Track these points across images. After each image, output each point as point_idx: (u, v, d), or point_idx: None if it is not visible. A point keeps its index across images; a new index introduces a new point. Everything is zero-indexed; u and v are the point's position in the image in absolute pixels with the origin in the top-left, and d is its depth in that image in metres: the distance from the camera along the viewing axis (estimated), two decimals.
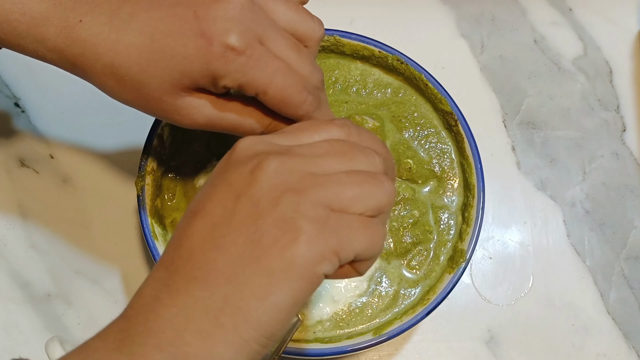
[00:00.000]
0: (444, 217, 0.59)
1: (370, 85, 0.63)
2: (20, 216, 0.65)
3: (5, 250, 0.64)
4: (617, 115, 0.72)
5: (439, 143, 0.61)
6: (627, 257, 0.67)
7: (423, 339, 0.63)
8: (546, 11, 0.76)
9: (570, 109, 0.72)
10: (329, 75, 0.63)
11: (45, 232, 0.64)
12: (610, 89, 0.73)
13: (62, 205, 0.65)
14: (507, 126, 0.71)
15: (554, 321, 0.65)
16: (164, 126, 0.58)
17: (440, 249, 0.58)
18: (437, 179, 0.60)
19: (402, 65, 0.61)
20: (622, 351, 0.64)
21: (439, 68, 0.72)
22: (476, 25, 0.75)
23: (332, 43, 0.62)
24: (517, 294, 0.65)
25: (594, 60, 0.74)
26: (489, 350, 0.64)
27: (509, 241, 0.67)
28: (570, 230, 0.68)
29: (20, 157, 0.67)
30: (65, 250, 0.64)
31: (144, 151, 0.57)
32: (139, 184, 0.56)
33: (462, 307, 0.65)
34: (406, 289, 0.57)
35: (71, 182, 0.66)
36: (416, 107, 0.62)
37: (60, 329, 0.62)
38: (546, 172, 0.70)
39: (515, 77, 0.73)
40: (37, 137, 0.68)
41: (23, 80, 0.68)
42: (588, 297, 0.66)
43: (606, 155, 0.71)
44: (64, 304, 0.62)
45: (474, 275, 0.66)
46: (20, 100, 0.69)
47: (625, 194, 0.69)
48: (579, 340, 0.64)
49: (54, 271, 0.63)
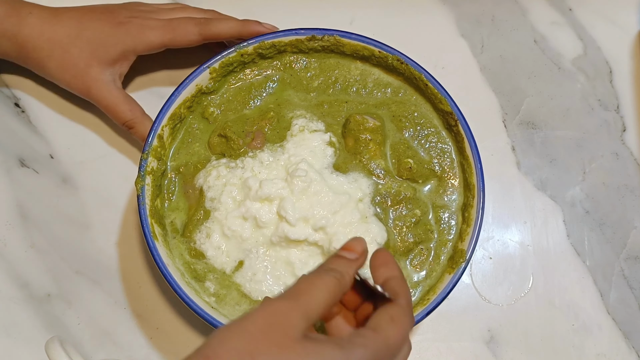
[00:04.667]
0: (445, 216, 0.59)
1: (370, 85, 0.63)
2: (20, 216, 0.65)
3: (5, 250, 0.64)
4: (617, 115, 0.72)
5: (439, 143, 0.61)
6: (627, 257, 0.67)
7: (423, 339, 0.63)
8: (546, 11, 0.76)
9: (570, 109, 0.72)
10: (329, 75, 0.63)
11: (45, 232, 0.64)
12: (610, 89, 0.73)
13: (62, 205, 0.65)
14: (507, 126, 0.71)
15: (554, 321, 0.65)
16: (164, 126, 0.58)
17: (441, 249, 0.59)
18: (437, 178, 0.60)
19: (402, 65, 0.61)
20: (622, 351, 0.64)
21: (439, 68, 0.72)
22: (476, 25, 0.75)
23: (332, 43, 0.62)
24: (517, 294, 0.65)
25: (594, 60, 0.74)
26: (489, 350, 0.64)
27: (509, 241, 0.67)
28: (570, 230, 0.68)
29: (20, 157, 0.67)
30: (65, 250, 0.64)
31: (144, 151, 0.57)
32: (139, 183, 0.56)
33: (462, 307, 0.65)
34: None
35: (71, 182, 0.66)
36: (416, 106, 0.62)
37: (61, 329, 0.62)
38: (546, 172, 0.70)
39: (515, 77, 0.73)
40: (37, 137, 0.68)
41: (23, 80, 0.68)
42: (588, 297, 0.66)
43: (606, 155, 0.71)
44: (64, 304, 0.62)
45: (474, 275, 0.66)
46: (20, 100, 0.69)
47: (625, 194, 0.69)
48: (579, 340, 0.64)
49: (54, 271, 0.63)
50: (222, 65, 0.61)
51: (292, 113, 0.61)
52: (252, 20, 0.64)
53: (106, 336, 0.62)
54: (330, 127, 0.61)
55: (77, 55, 0.62)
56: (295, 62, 0.63)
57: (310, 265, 0.57)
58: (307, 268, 0.56)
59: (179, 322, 0.62)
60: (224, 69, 0.61)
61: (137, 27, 0.62)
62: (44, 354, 0.49)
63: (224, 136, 0.60)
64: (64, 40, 0.62)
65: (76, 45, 0.62)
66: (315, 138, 0.60)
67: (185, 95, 0.59)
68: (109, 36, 0.62)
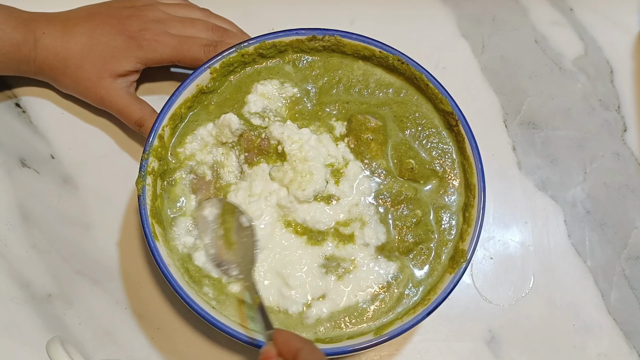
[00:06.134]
0: (446, 216, 0.59)
1: (373, 85, 0.63)
2: (21, 216, 0.65)
3: (6, 251, 0.64)
4: (618, 115, 0.72)
5: (440, 143, 0.61)
6: (628, 257, 0.67)
7: (424, 339, 0.63)
8: (547, 11, 0.76)
9: (571, 109, 0.72)
10: (333, 75, 0.63)
11: (46, 232, 0.64)
12: (611, 89, 0.73)
13: (63, 206, 0.65)
14: (507, 126, 0.71)
15: (554, 321, 0.65)
16: (165, 126, 0.58)
17: (442, 249, 0.58)
18: (438, 178, 0.60)
19: (403, 65, 0.61)
20: (623, 351, 0.64)
21: (439, 68, 0.72)
22: (477, 25, 0.75)
23: (332, 43, 0.62)
24: (518, 294, 0.65)
25: (594, 60, 0.74)
26: (489, 351, 0.63)
27: (509, 241, 0.67)
28: (571, 231, 0.68)
29: (21, 157, 0.67)
30: (66, 250, 0.64)
31: (145, 151, 0.57)
32: (140, 184, 0.56)
33: (463, 308, 0.65)
34: (410, 289, 0.57)
35: (72, 182, 0.66)
36: (417, 107, 0.62)
37: (61, 329, 0.62)
38: (547, 172, 0.70)
39: (516, 77, 0.73)
40: (38, 137, 0.68)
41: (23, 81, 0.68)
42: (589, 297, 0.66)
43: (607, 155, 0.71)
44: (64, 304, 0.62)
45: (474, 275, 0.66)
46: (21, 100, 0.69)
47: (626, 194, 0.69)
48: (579, 340, 0.64)
49: (55, 271, 0.63)
50: (222, 66, 0.61)
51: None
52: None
53: (107, 336, 0.62)
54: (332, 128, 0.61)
55: (90, 70, 0.64)
56: (298, 61, 0.63)
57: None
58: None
59: (179, 322, 0.62)
60: (224, 69, 0.61)
61: (148, 42, 0.64)
62: (45, 354, 0.49)
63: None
64: (77, 57, 0.64)
65: (89, 61, 0.64)
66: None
67: (185, 95, 0.59)
68: (120, 51, 0.64)
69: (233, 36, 0.66)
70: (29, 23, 0.64)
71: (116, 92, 0.64)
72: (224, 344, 0.62)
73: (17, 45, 0.63)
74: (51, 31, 0.64)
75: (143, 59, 0.64)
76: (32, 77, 0.67)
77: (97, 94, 0.64)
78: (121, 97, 0.64)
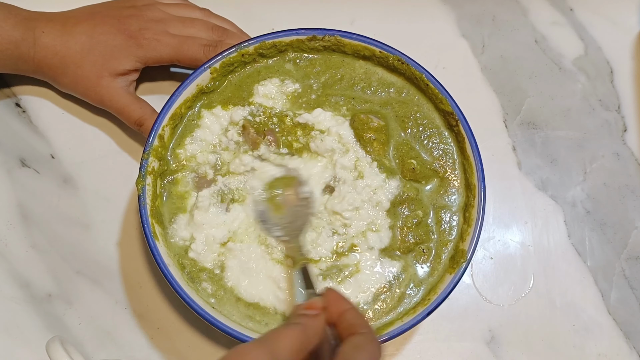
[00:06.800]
0: (446, 217, 0.59)
1: (375, 83, 0.63)
2: (21, 216, 0.65)
3: (6, 250, 0.64)
4: (618, 115, 0.72)
5: (441, 143, 0.61)
6: (628, 258, 0.67)
7: (424, 339, 0.63)
8: (547, 11, 0.76)
9: (571, 109, 0.72)
10: (334, 72, 0.63)
11: (46, 232, 0.64)
12: (611, 89, 0.73)
13: (62, 205, 0.65)
14: (507, 126, 0.71)
15: (554, 321, 0.65)
16: (165, 126, 0.58)
17: (442, 249, 0.58)
18: (439, 179, 0.60)
19: (403, 65, 0.61)
20: (623, 351, 0.64)
21: (439, 68, 0.72)
22: (477, 26, 0.75)
23: (333, 43, 0.62)
24: (518, 294, 0.65)
25: (594, 60, 0.74)
26: (489, 351, 0.63)
27: (509, 241, 0.67)
28: (571, 231, 0.68)
29: (21, 157, 0.67)
30: (66, 250, 0.64)
31: (145, 151, 0.57)
32: (140, 183, 0.56)
33: (463, 308, 0.65)
34: (412, 289, 0.57)
35: (72, 182, 0.66)
36: (419, 107, 0.62)
37: (61, 329, 0.62)
38: (547, 172, 0.70)
39: (516, 77, 0.73)
40: (38, 137, 0.68)
41: (23, 81, 0.68)
42: (589, 297, 0.66)
43: (607, 156, 0.71)
44: (64, 304, 0.62)
45: (474, 275, 0.66)
46: (21, 100, 0.69)
47: (626, 194, 0.69)
48: (579, 341, 0.64)
49: (55, 271, 0.63)
50: (222, 65, 0.61)
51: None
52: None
53: (107, 336, 0.62)
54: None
55: (89, 69, 0.64)
56: (299, 59, 0.63)
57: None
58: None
59: (179, 322, 0.62)
60: (224, 69, 0.61)
61: (148, 41, 0.64)
62: (44, 354, 0.49)
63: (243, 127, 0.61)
64: (76, 57, 0.64)
65: (88, 60, 0.64)
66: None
67: (186, 95, 0.59)
68: (120, 50, 0.64)
69: (233, 36, 0.66)
70: (28, 21, 0.64)
71: (116, 92, 0.64)
72: (224, 344, 0.62)
73: (15, 43, 0.63)
74: (51, 30, 0.64)
75: (143, 58, 0.64)
76: (31, 75, 0.67)
77: (97, 93, 0.64)
78: (121, 97, 0.64)
